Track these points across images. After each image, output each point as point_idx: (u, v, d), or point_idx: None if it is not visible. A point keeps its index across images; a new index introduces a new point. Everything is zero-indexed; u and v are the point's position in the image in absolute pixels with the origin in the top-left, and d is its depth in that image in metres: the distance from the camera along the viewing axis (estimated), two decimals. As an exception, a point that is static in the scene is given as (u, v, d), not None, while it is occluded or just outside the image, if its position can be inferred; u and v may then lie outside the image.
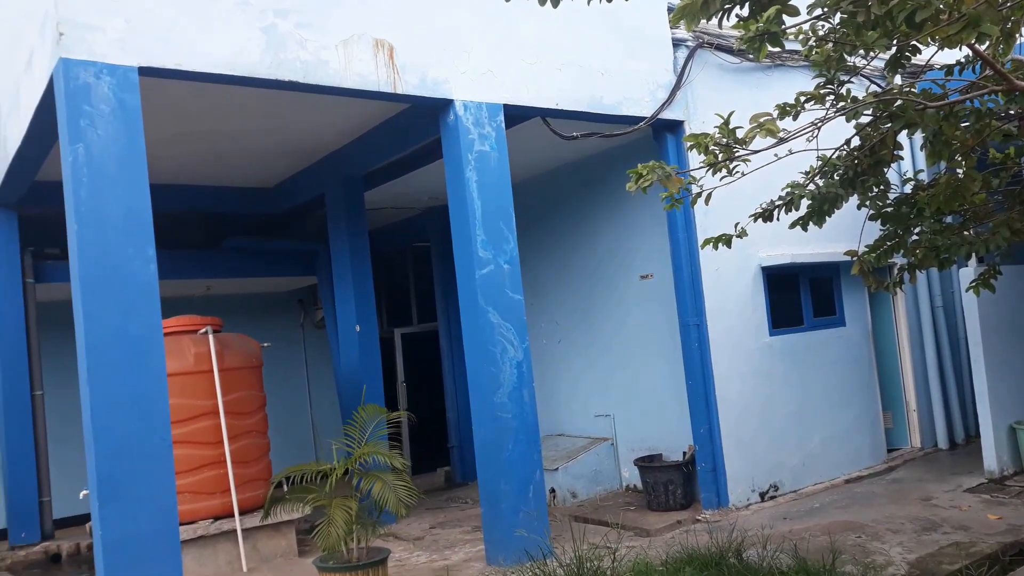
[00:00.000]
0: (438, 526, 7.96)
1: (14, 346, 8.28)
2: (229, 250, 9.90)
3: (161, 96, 5.81)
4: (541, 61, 6.77)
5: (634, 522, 7.18)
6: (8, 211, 8.25)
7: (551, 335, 9.51)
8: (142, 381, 4.86)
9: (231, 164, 8.44)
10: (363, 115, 7.14)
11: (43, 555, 7.84)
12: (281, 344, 10.43)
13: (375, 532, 5.68)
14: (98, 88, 4.88)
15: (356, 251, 8.41)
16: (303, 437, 11.78)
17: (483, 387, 6.31)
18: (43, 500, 8.29)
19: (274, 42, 5.52)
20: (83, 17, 4.87)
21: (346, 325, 8.47)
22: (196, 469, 6.73)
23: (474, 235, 6.29)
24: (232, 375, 7.10)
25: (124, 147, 4.92)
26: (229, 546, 6.78)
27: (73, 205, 4.80)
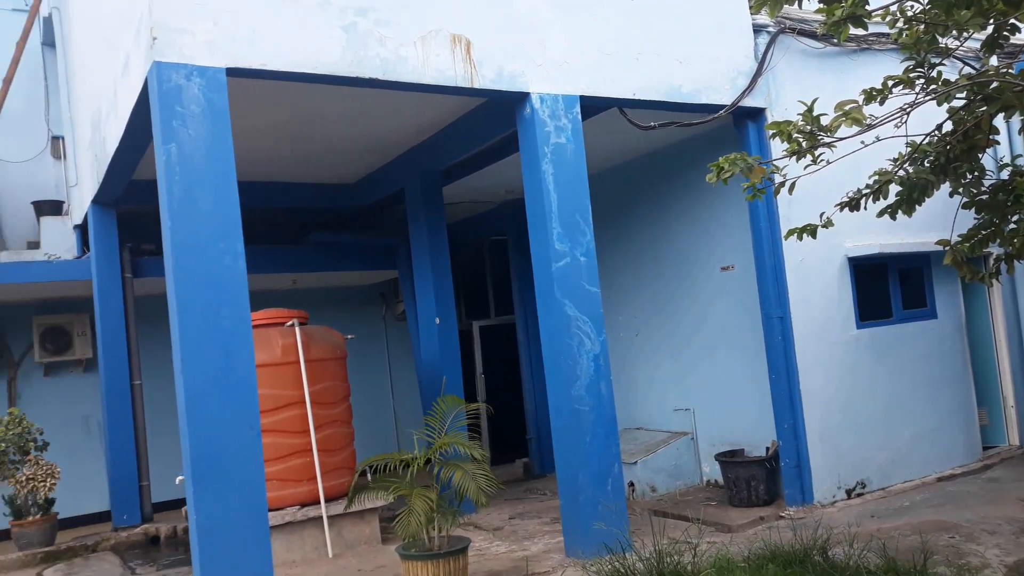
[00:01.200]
0: (517, 517, 8.01)
1: (115, 338, 8.74)
2: (314, 245, 10.18)
3: (247, 96, 5.98)
4: (618, 51, 6.71)
5: (715, 518, 7.08)
6: (107, 209, 8.68)
7: (629, 328, 9.44)
8: (232, 372, 5.03)
9: (315, 161, 8.65)
10: (441, 110, 7.21)
11: (143, 536, 8.25)
12: (364, 336, 10.65)
13: (455, 521, 5.75)
14: (189, 89, 5.06)
15: (435, 245, 8.52)
16: (385, 427, 12.02)
17: (560, 380, 6.31)
18: (142, 485, 8.73)
19: (354, 40, 5.63)
20: (174, 21, 5.07)
21: (426, 318, 8.60)
22: (284, 457, 6.94)
23: (550, 228, 6.29)
24: (318, 366, 7.29)
25: (213, 146, 5.10)
26: (315, 532, 6.99)
27: (167, 202, 5.00)
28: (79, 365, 10.22)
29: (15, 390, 9.95)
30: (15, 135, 10.02)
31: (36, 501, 8.15)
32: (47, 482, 8.16)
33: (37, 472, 8.14)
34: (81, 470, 9.45)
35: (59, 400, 10.01)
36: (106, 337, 8.75)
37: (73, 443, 9.70)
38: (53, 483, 8.21)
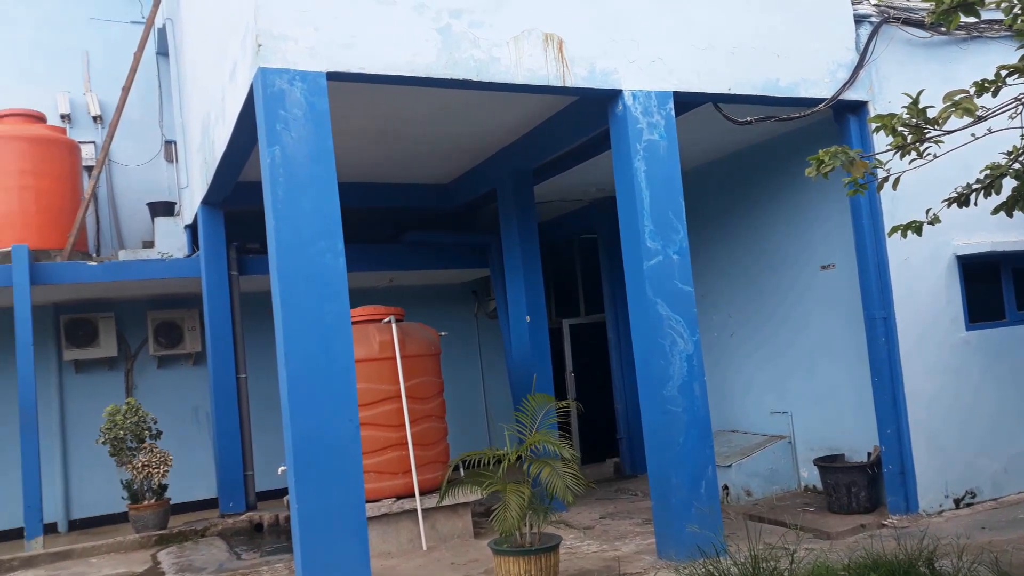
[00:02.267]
0: (608, 517, 7.99)
1: (222, 333, 9.17)
2: (409, 244, 10.41)
3: (346, 99, 6.16)
4: (713, 46, 6.60)
5: (813, 524, 6.88)
6: (215, 210, 9.11)
7: (723, 328, 9.27)
8: (333, 366, 5.19)
9: (410, 162, 8.84)
10: (533, 110, 7.26)
11: (248, 524, 8.61)
12: (456, 333, 10.82)
13: (547, 519, 5.78)
14: (291, 94, 5.26)
15: (526, 243, 8.58)
16: (477, 422, 12.17)
17: (652, 380, 6.25)
18: (247, 474, 9.11)
19: (449, 42, 5.73)
20: (278, 28, 5.27)
21: (517, 315, 8.66)
22: (380, 450, 7.12)
23: (642, 226, 6.24)
24: (413, 362, 7.45)
25: (315, 148, 5.28)
26: (410, 524, 7.14)
27: (271, 203, 5.20)
28: (189, 358, 10.77)
29: (132, 381, 10.57)
30: (132, 140, 10.62)
31: (151, 487, 8.63)
32: (160, 469, 8.63)
33: (152, 459, 8.61)
34: (191, 458, 9.94)
35: (171, 391, 10.57)
36: (214, 332, 9.18)
37: (184, 433, 10.22)
38: (166, 470, 8.67)
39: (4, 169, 9.30)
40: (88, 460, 9.94)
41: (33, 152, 9.44)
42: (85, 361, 10.32)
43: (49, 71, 10.57)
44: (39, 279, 8.81)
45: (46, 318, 10.17)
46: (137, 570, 7.29)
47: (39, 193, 9.39)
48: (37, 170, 9.41)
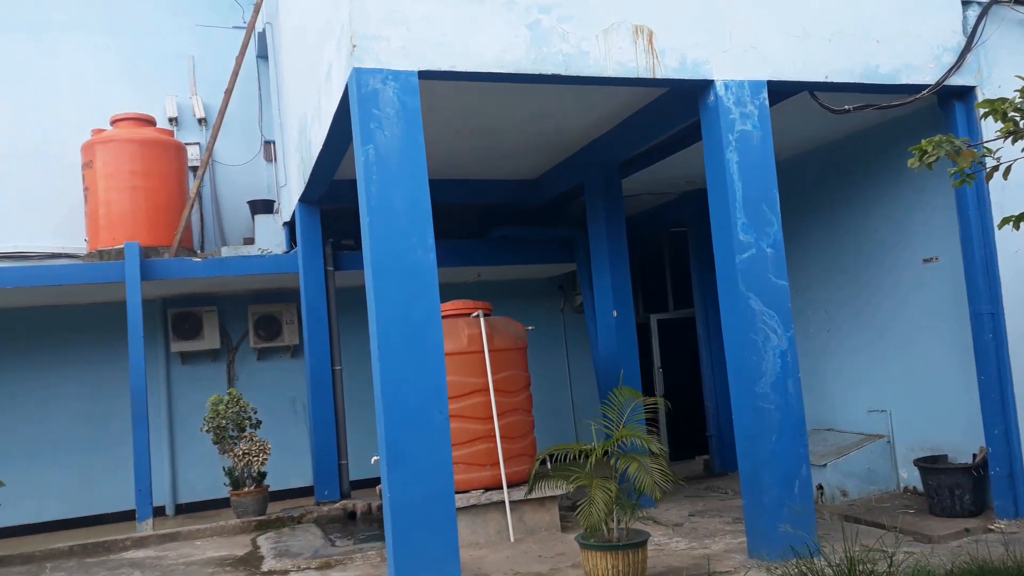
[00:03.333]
0: (697, 514, 7.89)
1: (318, 327, 9.47)
2: (497, 239, 10.50)
3: (435, 96, 6.26)
4: (809, 33, 6.42)
5: (913, 526, 6.62)
6: (312, 207, 9.40)
7: (819, 323, 9.00)
8: (424, 359, 5.29)
9: (498, 158, 8.91)
10: (621, 102, 7.21)
11: (342, 511, 8.87)
12: (543, 328, 10.87)
13: (634, 515, 5.75)
14: (384, 93, 5.38)
15: (613, 238, 8.53)
16: (564, 416, 12.20)
17: (744, 376, 6.13)
18: (341, 463, 9.38)
19: (538, 37, 5.75)
20: (372, 29, 5.40)
21: (603, 310, 8.63)
22: (469, 442, 7.22)
23: (734, 218, 6.12)
24: (501, 356, 7.53)
25: (407, 146, 5.39)
26: (498, 516, 7.23)
27: (365, 200, 5.34)
28: (287, 351, 11.18)
29: (233, 372, 11.05)
30: (233, 141, 11.08)
31: (251, 474, 8.99)
32: (260, 457, 8.97)
33: (252, 447, 8.97)
34: (288, 447, 10.31)
35: (270, 382, 11.00)
36: (311, 325, 9.49)
37: (282, 422, 10.61)
38: (265, 458, 9.01)
39: (118, 171, 9.84)
40: (193, 447, 10.46)
41: (144, 154, 9.96)
42: (190, 353, 10.85)
43: (158, 76, 11.13)
44: (149, 275, 9.30)
45: (155, 312, 10.73)
46: (238, 553, 7.61)
47: (149, 193, 9.90)
48: (147, 171, 9.92)
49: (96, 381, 10.44)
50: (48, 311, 10.47)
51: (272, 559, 7.17)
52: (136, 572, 7.19)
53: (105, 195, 9.82)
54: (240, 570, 6.96)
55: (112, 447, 10.19)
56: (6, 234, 10.03)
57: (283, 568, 6.83)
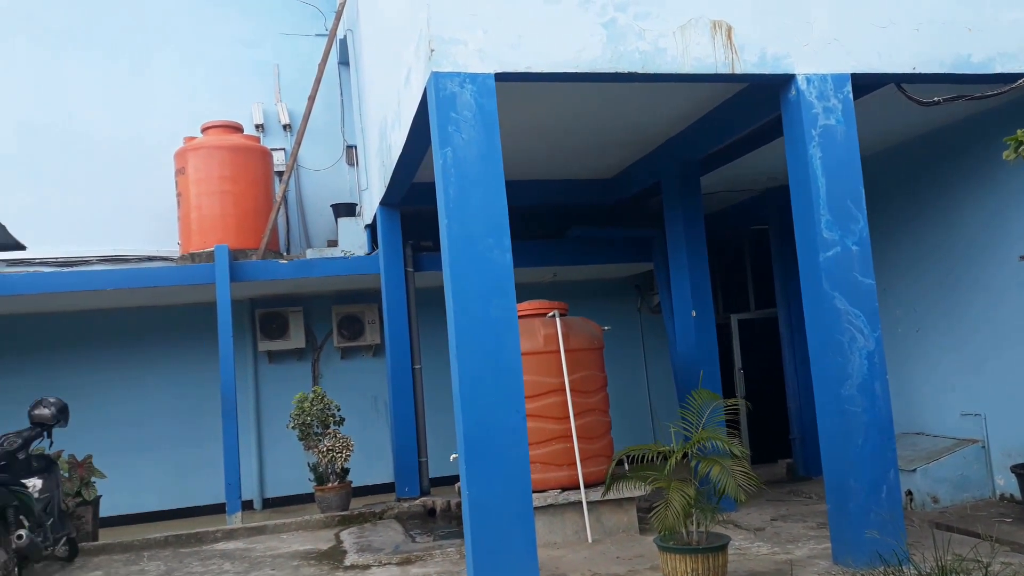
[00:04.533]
0: (779, 519, 7.71)
1: (399, 326, 9.65)
2: (572, 239, 10.49)
3: (511, 98, 6.30)
4: (895, 23, 6.20)
5: (1010, 536, 6.32)
6: (392, 210, 9.60)
7: (907, 323, 8.68)
8: (501, 359, 5.33)
9: (573, 157, 8.91)
10: (698, 99, 7.12)
11: (422, 508, 9.00)
12: (619, 328, 10.79)
13: (714, 518, 5.67)
14: (462, 96, 5.45)
15: (691, 236, 8.42)
16: (641, 418, 12.11)
17: (828, 378, 5.97)
18: (421, 460, 9.54)
19: (614, 36, 5.74)
20: (449, 33, 5.48)
21: (682, 310, 8.53)
22: (546, 441, 7.24)
23: (818, 215, 5.97)
24: (577, 355, 7.52)
25: (484, 148, 5.44)
26: (575, 517, 7.22)
27: (443, 202, 5.42)
28: (369, 350, 11.44)
29: (318, 370, 11.37)
30: (317, 146, 11.41)
31: (334, 470, 9.22)
32: (343, 453, 9.20)
33: (335, 444, 9.21)
34: (369, 445, 10.54)
35: (352, 381, 11.27)
36: (392, 325, 9.69)
37: (364, 420, 10.85)
38: (348, 454, 9.24)
39: (208, 176, 10.25)
40: (279, 444, 10.80)
41: (232, 160, 10.34)
42: (277, 352, 11.22)
43: (245, 84, 11.56)
44: (237, 276, 9.66)
45: (243, 312, 11.13)
46: (322, 548, 7.82)
47: (237, 197, 10.28)
48: (235, 176, 10.30)
49: (188, 380, 10.89)
50: (143, 312, 10.99)
51: (355, 554, 7.33)
52: (226, 563, 7.46)
53: (196, 200, 10.24)
54: (324, 564, 7.15)
55: (203, 443, 10.61)
56: (105, 238, 10.54)
57: (365, 563, 6.99)
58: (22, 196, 9.76)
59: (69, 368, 10.56)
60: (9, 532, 6.72)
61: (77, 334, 10.80)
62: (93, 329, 10.84)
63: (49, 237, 9.85)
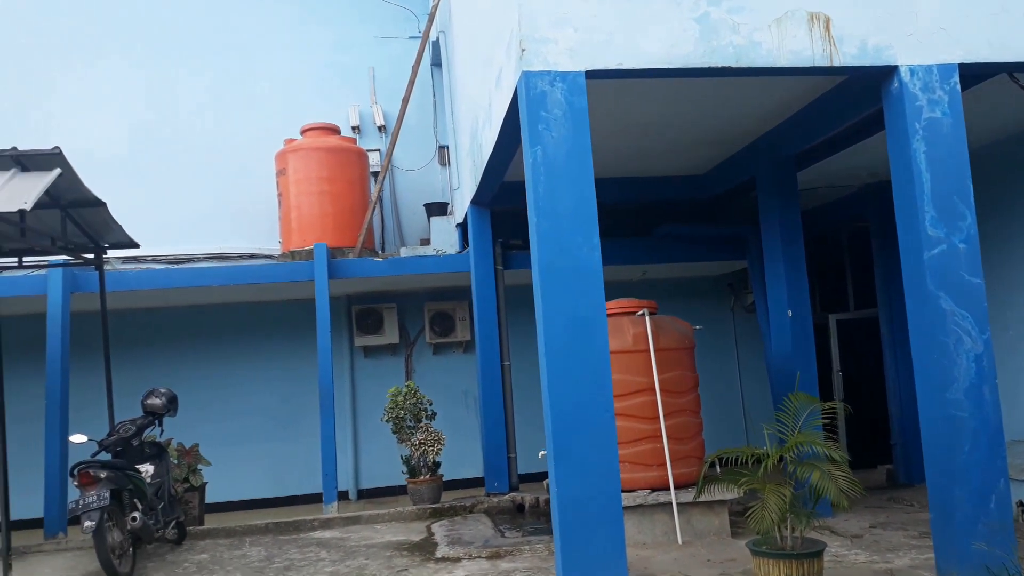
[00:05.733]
0: (878, 526, 7.44)
1: (488, 323, 9.79)
2: (662, 237, 10.38)
3: (600, 95, 6.28)
4: (1007, 9, 5.88)
5: None
6: (483, 209, 9.72)
7: (1018, 325, 8.22)
8: (589, 357, 5.33)
9: (662, 154, 8.81)
10: (794, 93, 6.93)
11: (510, 503, 9.09)
12: (711, 327, 10.62)
13: (809, 523, 5.52)
14: (552, 95, 5.47)
15: (788, 234, 8.20)
16: (733, 419, 11.88)
17: (932, 381, 5.71)
18: (510, 456, 9.64)
19: (707, 31, 5.65)
20: (540, 32, 5.50)
21: (777, 310, 8.32)
22: (635, 441, 7.20)
23: (922, 212, 5.72)
24: (667, 355, 7.44)
25: (573, 146, 5.45)
26: (665, 518, 7.15)
27: (533, 200, 5.45)
28: (460, 346, 11.62)
29: (411, 365, 11.63)
30: (410, 146, 11.64)
31: (426, 463, 9.41)
32: (435, 447, 9.38)
33: (427, 438, 9.39)
34: (460, 439, 10.68)
35: (444, 376, 11.47)
36: (482, 322, 9.81)
37: (454, 415, 11.01)
38: (439, 448, 9.41)
39: (307, 177, 10.61)
40: (374, 436, 11.09)
41: (330, 161, 10.68)
42: (372, 347, 11.53)
43: (342, 87, 11.91)
44: (335, 274, 9.97)
45: (340, 308, 11.47)
46: (414, 539, 8.00)
47: (335, 197, 10.61)
48: (333, 177, 10.63)
49: (287, 373, 11.30)
50: (246, 308, 11.46)
51: (445, 546, 7.47)
52: (322, 551, 7.72)
53: (296, 200, 10.62)
54: (416, 555, 7.31)
55: (301, 434, 11.00)
56: (211, 237, 11.04)
57: (456, 555, 7.11)
58: (135, 196, 10.30)
59: (177, 360, 11.12)
60: (125, 514, 7.15)
61: (185, 328, 11.36)
62: (200, 324, 11.39)
63: (160, 236, 10.37)
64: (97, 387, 8.94)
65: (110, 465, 7.15)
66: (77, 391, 9.46)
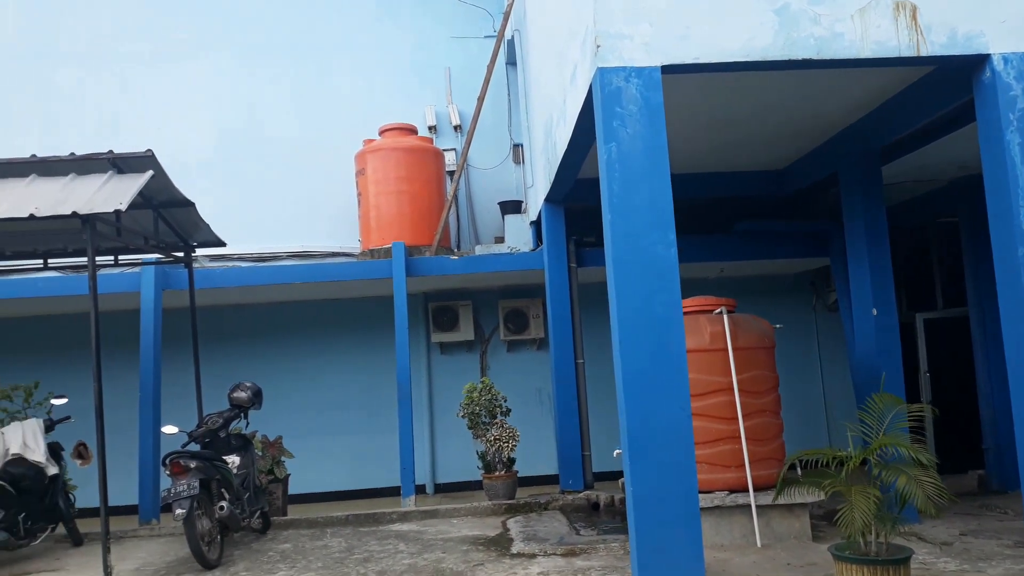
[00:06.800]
0: (969, 534, 7.15)
1: (562, 321, 9.79)
2: (740, 233, 10.19)
3: (675, 91, 6.21)
4: (1113, -9, 5.58)
5: None
6: (556, 207, 9.73)
7: None
8: (665, 355, 5.28)
9: (740, 149, 8.65)
10: (878, 85, 6.71)
11: (585, 501, 9.08)
12: (792, 326, 10.37)
13: (895, 529, 5.35)
14: (627, 90, 5.44)
15: (872, 230, 7.94)
16: (815, 421, 11.60)
17: (1028, 382, 5.47)
18: (584, 454, 9.63)
19: (787, 22, 5.52)
20: (615, 28, 5.48)
21: (861, 308, 8.07)
22: (712, 442, 7.09)
23: (1016, 206, 5.46)
24: (745, 354, 7.31)
25: (649, 142, 5.41)
26: (743, 520, 7.03)
27: (607, 197, 5.43)
28: (533, 343, 11.66)
29: (485, 362, 11.74)
30: (485, 145, 11.74)
31: (501, 459, 9.48)
32: (510, 443, 9.44)
33: (502, 434, 9.46)
34: (534, 436, 10.72)
35: (517, 373, 11.52)
36: (555, 320, 9.83)
37: (528, 412, 11.06)
38: (514, 444, 9.47)
39: (385, 177, 10.82)
40: (450, 431, 11.24)
41: (408, 160, 10.86)
42: (448, 343, 11.68)
43: (419, 87, 12.09)
44: (413, 271, 10.15)
45: (417, 305, 11.66)
46: (490, 534, 8.07)
47: (412, 197, 10.79)
48: (410, 176, 10.81)
49: (366, 368, 11.55)
50: (326, 304, 11.76)
51: (521, 542, 7.51)
52: (400, 543, 7.87)
53: (375, 199, 10.84)
54: (492, 550, 7.38)
55: (380, 428, 11.21)
56: (293, 236, 11.36)
57: (531, 551, 7.15)
58: (222, 197, 10.70)
59: (261, 355, 11.49)
60: (213, 503, 7.44)
61: (268, 324, 11.73)
62: (282, 320, 11.74)
63: (245, 235, 10.72)
64: (186, 380, 9.32)
65: (199, 456, 7.44)
66: (168, 384, 9.88)
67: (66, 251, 8.78)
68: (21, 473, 7.80)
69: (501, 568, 6.72)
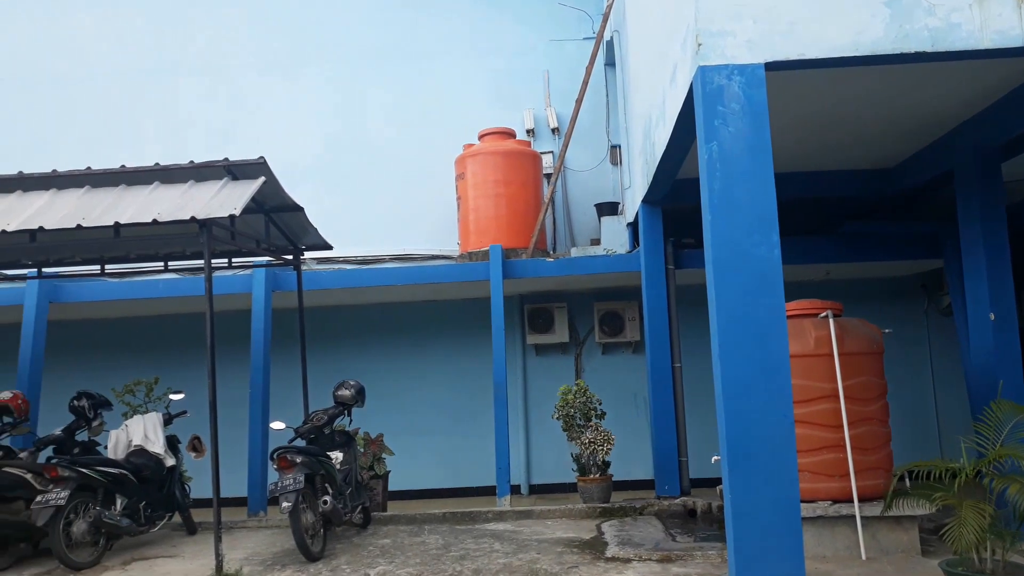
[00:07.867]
0: (1100, 555, 6.68)
1: (659, 324, 9.69)
2: (847, 234, 9.85)
3: (778, 88, 6.05)
4: None
5: None
6: (654, 208, 9.64)
7: None
8: (767, 360, 5.14)
9: (846, 147, 8.38)
10: (999, 77, 6.36)
11: (681, 508, 8.95)
12: (902, 331, 9.96)
13: (1014, 545, 5.07)
14: (729, 89, 5.33)
15: (990, 230, 7.53)
16: (926, 430, 11.09)
17: None
18: (681, 460, 9.49)
19: (898, 14, 5.31)
20: (717, 26, 5.38)
21: (977, 312, 7.66)
22: (815, 450, 6.87)
23: None
24: (852, 360, 7.05)
25: (751, 141, 5.29)
26: (847, 531, 6.79)
27: (707, 198, 5.34)
28: (629, 346, 11.58)
29: (580, 364, 11.72)
30: (582, 147, 11.75)
31: (596, 462, 9.44)
32: (604, 447, 9.40)
33: (597, 437, 9.43)
34: (629, 440, 10.62)
35: (613, 376, 11.46)
36: (652, 322, 9.73)
37: (623, 415, 10.97)
38: (609, 448, 9.42)
39: (484, 180, 10.97)
40: (544, 433, 11.27)
41: (505, 164, 10.99)
42: (543, 345, 11.73)
43: (517, 91, 12.23)
44: (509, 274, 10.25)
45: (513, 307, 11.76)
46: (584, 537, 8.05)
47: (509, 200, 10.91)
48: (508, 179, 10.94)
49: (463, 369, 11.73)
50: (426, 305, 12.01)
51: (615, 546, 7.46)
52: (496, 543, 7.95)
53: (474, 203, 11.01)
54: (586, 553, 7.36)
55: (476, 428, 11.35)
56: (394, 238, 11.63)
57: (626, 556, 7.09)
58: (328, 201, 11.07)
59: (364, 354, 11.82)
60: (317, 497, 7.70)
61: (371, 324, 12.06)
62: (384, 320, 12.05)
63: (350, 238, 11.03)
64: (293, 378, 9.69)
65: (305, 451, 7.72)
66: (276, 381, 10.30)
67: (184, 254, 9.27)
68: (142, 463, 8.27)
69: (596, 571, 6.70)
